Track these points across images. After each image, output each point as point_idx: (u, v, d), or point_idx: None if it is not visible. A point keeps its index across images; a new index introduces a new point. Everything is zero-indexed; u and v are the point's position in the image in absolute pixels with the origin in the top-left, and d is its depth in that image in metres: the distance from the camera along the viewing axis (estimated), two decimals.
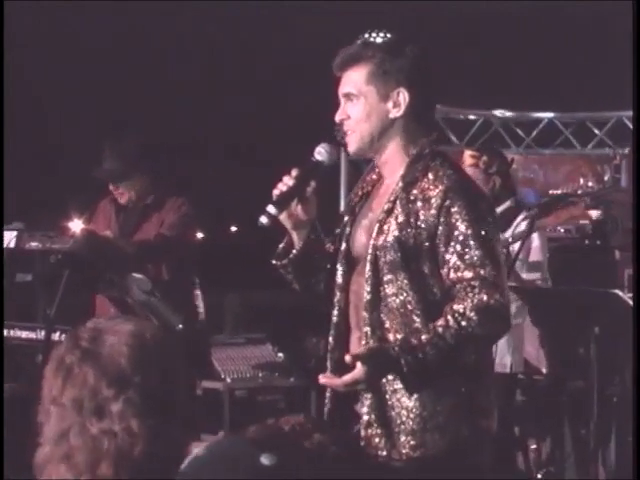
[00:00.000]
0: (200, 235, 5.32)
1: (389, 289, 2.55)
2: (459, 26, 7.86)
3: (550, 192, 7.08)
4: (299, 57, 7.31)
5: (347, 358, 2.45)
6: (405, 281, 2.53)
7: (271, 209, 2.62)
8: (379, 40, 2.65)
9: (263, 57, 7.70)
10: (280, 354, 5.30)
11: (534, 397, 4.83)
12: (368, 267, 2.58)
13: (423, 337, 2.45)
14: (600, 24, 7.18)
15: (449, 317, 2.45)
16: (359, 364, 2.43)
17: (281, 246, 2.79)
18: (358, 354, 2.47)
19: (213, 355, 5.19)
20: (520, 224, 4.42)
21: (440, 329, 2.44)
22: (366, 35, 2.64)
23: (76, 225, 4.89)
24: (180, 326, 3.87)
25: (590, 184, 7.02)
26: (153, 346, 1.59)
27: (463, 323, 2.44)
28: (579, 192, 6.33)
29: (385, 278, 2.56)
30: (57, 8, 6.95)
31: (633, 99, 4.31)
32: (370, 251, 2.59)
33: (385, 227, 2.58)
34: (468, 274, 2.47)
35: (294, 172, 2.65)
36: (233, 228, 8.99)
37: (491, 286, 2.46)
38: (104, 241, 4.39)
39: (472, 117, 8.57)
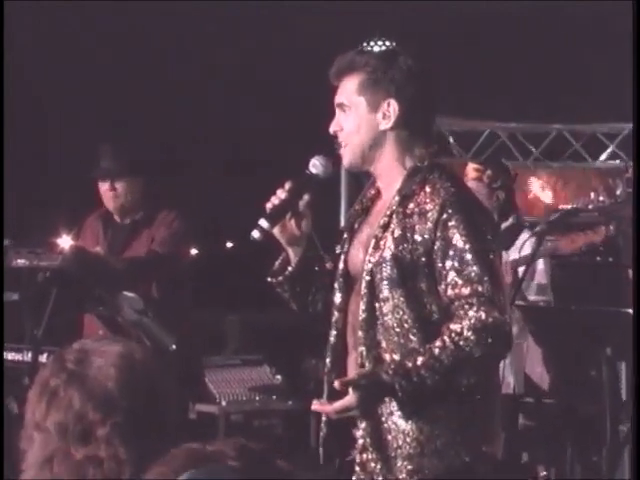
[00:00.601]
0: (194, 251, 5.31)
1: (385, 307, 2.55)
2: (461, 31, 7.88)
3: (560, 207, 7.08)
4: (298, 70, 7.35)
5: (336, 384, 2.44)
6: (402, 299, 2.53)
7: (263, 223, 2.62)
8: (375, 49, 2.67)
9: (263, 71, 7.75)
10: (278, 376, 5.29)
11: (543, 422, 4.81)
12: (364, 284, 2.58)
13: (419, 359, 2.44)
14: (610, 30, 7.21)
15: (446, 337, 2.45)
16: (351, 390, 2.42)
17: (277, 263, 2.78)
18: (349, 380, 2.46)
19: (208, 377, 5.17)
20: (526, 244, 4.43)
21: (436, 350, 2.44)
22: (364, 43, 2.66)
23: (65, 241, 4.88)
24: (173, 347, 3.87)
25: (601, 198, 7.02)
26: (142, 368, 1.58)
27: (460, 343, 2.43)
28: (590, 207, 6.33)
29: (381, 296, 2.55)
30: (57, 8, 7.03)
31: (633, 99, 4.33)
32: (366, 268, 2.59)
33: (381, 243, 2.58)
34: (465, 291, 2.46)
35: (287, 185, 2.66)
36: (229, 244, 9.00)
37: (489, 303, 2.45)
38: (94, 258, 4.39)
39: (478, 128, 8.58)
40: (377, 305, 2.55)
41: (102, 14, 7.33)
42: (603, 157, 8.14)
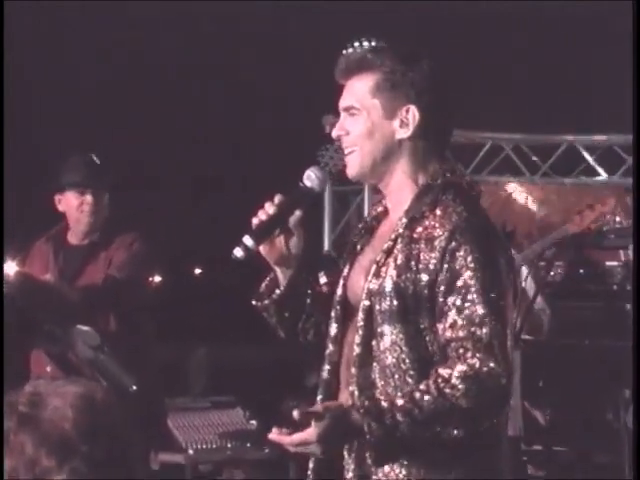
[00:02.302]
0: (157, 278, 5.31)
1: (382, 343, 2.53)
2: (458, 32, 7.97)
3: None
4: (279, 85, 7.48)
5: (295, 414, 2.41)
6: (400, 335, 2.51)
7: (248, 240, 2.59)
8: (389, 46, 2.65)
9: (238, 86, 7.88)
10: (253, 421, 5.29)
11: (553, 473, 4.84)
12: (361, 315, 2.57)
13: (398, 401, 2.42)
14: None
15: (431, 381, 2.43)
16: (313, 423, 2.40)
17: (264, 284, 2.77)
18: (312, 411, 2.44)
19: (173, 422, 5.16)
20: (528, 278, 4.50)
21: (417, 394, 2.42)
22: (364, 42, 2.64)
23: (9, 268, 4.88)
24: (134, 387, 3.86)
25: (618, 219, 7.08)
26: (104, 410, 1.59)
27: (446, 391, 2.41)
28: (605, 228, 6.38)
29: (379, 330, 2.54)
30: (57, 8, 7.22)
31: (633, 99, 4.39)
32: (364, 297, 2.57)
33: (382, 270, 2.56)
34: (462, 333, 2.45)
35: (277, 198, 2.64)
36: (198, 270, 8.98)
37: (486, 350, 2.43)
38: (42, 286, 4.39)
39: (478, 140, 8.64)
40: (374, 340, 2.54)
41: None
42: (620, 172, 8.20)
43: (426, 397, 2.41)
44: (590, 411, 4.82)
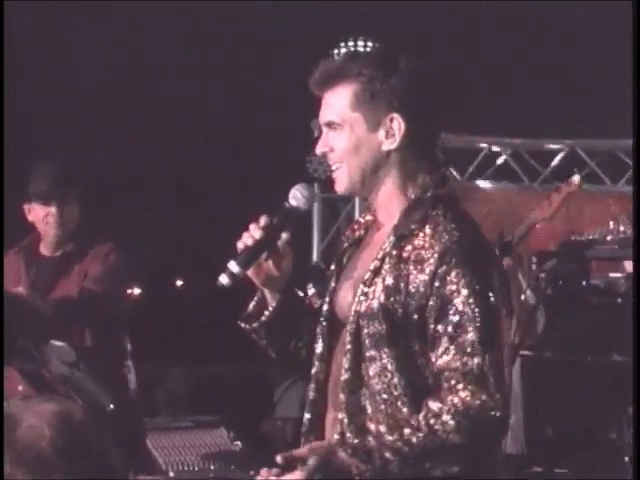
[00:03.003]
0: (135, 291, 5.32)
1: (372, 368, 2.53)
2: (454, 32, 8.02)
3: (572, 238, 7.16)
4: (263, 91, 7.58)
5: (278, 459, 2.40)
6: (391, 360, 2.50)
7: (233, 267, 2.57)
8: (366, 51, 2.63)
9: (230, 87, 7.97)
10: (237, 441, 5.27)
11: None
12: (348, 339, 2.55)
13: (387, 439, 2.42)
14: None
15: (421, 417, 2.42)
16: (299, 467, 2.40)
17: (251, 305, 2.75)
18: (297, 456, 2.42)
19: (152, 442, 5.14)
20: (527, 291, 4.53)
21: (407, 431, 2.41)
22: (349, 44, 2.62)
23: None
24: (111, 406, 3.86)
25: (622, 228, 7.09)
26: (82, 429, 1.60)
27: (436, 427, 2.40)
28: (608, 238, 6.40)
29: (368, 354, 2.53)
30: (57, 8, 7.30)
31: (633, 100, 4.43)
32: (351, 319, 2.56)
33: (370, 290, 2.54)
34: (454, 363, 2.44)
35: (262, 220, 2.61)
36: (179, 282, 8.97)
37: (478, 382, 2.42)
38: (14, 299, 4.39)
39: (474, 145, 8.67)
40: (363, 365, 2.53)
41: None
42: (624, 179, 8.22)
43: (415, 434, 2.40)
44: (592, 429, 4.83)
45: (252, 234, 2.60)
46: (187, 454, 5.19)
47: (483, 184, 8.71)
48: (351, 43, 2.37)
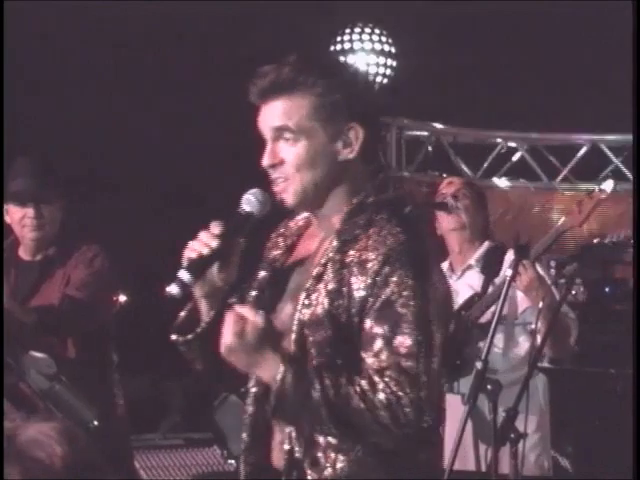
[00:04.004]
0: (122, 297, 5.30)
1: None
2: (468, 26, 8.05)
3: (594, 240, 7.16)
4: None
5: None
6: (337, 365, 2.59)
7: (185, 276, 2.61)
8: (319, 59, 2.71)
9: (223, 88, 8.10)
10: (231, 461, 5.27)
11: None
12: (293, 348, 2.63)
13: (324, 374, 2.55)
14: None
15: (357, 383, 2.54)
16: (246, 318, 2.54)
17: (182, 315, 2.80)
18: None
19: (140, 462, 5.15)
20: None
21: (342, 380, 2.54)
22: (292, 56, 2.68)
23: None
24: (94, 422, 3.86)
25: None
26: (85, 448, 1.62)
27: (369, 395, 2.53)
28: (632, 241, 6.39)
29: (314, 362, 2.61)
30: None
31: (633, 100, 4.44)
32: (295, 328, 2.64)
33: (313, 297, 2.63)
34: (386, 363, 2.55)
35: (216, 229, 2.65)
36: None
37: (411, 383, 2.54)
38: None
39: (489, 141, 8.67)
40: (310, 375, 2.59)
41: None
42: None
43: (348, 388, 2.53)
44: (616, 446, 4.83)
45: (207, 242, 2.64)
46: (177, 474, 5.21)
47: (498, 182, 8.71)
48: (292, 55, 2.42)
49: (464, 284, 4.88)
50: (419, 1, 7.79)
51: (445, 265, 4.99)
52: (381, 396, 2.53)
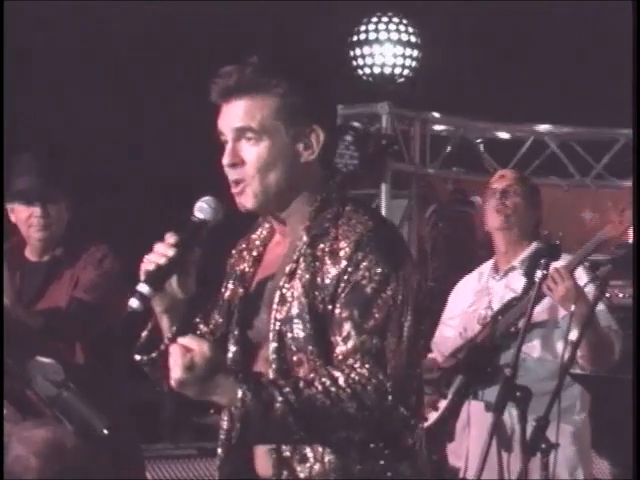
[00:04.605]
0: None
1: (300, 371, 2.69)
2: (498, 18, 8.05)
3: (629, 241, 7.13)
4: None
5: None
6: (318, 360, 2.68)
7: (144, 288, 2.67)
8: (280, 62, 2.78)
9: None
10: None
11: None
12: (272, 348, 2.72)
13: (280, 382, 2.62)
14: None
15: (317, 376, 2.62)
16: (196, 346, 2.56)
17: (144, 334, 2.87)
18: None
19: (151, 473, 5.16)
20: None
21: (301, 383, 2.60)
22: (254, 56, 2.74)
23: None
24: (105, 431, 3.87)
25: None
26: (74, 459, 1.60)
27: (331, 389, 2.61)
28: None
29: (295, 358, 2.70)
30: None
31: (633, 99, 4.42)
32: (272, 327, 2.72)
33: (288, 294, 2.72)
34: (355, 344, 2.64)
35: (171, 238, 2.72)
36: None
37: (377, 363, 2.63)
38: None
39: (518, 135, 8.65)
40: (290, 373, 2.69)
41: None
42: None
43: (309, 389, 2.60)
44: None
45: (164, 252, 2.70)
46: None
47: None
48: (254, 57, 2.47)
49: (505, 286, 4.84)
50: None
51: (490, 264, 4.98)
52: (343, 385, 2.60)
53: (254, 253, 2.89)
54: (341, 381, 2.61)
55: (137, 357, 2.89)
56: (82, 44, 8.23)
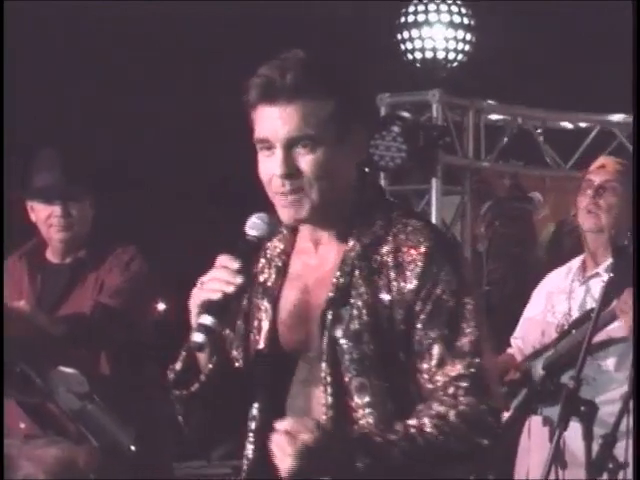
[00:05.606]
0: (161, 306, 5.32)
1: (360, 399, 2.66)
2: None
3: None
4: None
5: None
6: (385, 384, 2.66)
7: (208, 320, 2.61)
8: (322, 62, 2.73)
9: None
10: None
11: None
12: (326, 370, 2.67)
13: (390, 436, 2.56)
14: None
15: (426, 419, 2.58)
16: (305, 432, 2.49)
17: (178, 368, 2.81)
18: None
19: None
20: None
21: (413, 430, 2.57)
22: (291, 55, 2.74)
23: None
24: (132, 448, 3.87)
25: None
26: (86, 478, 1.62)
27: (445, 429, 2.58)
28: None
29: (354, 384, 2.66)
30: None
31: (633, 99, 4.45)
32: (325, 348, 2.67)
33: (343, 311, 2.68)
34: (454, 369, 2.62)
35: (234, 263, 2.66)
36: None
37: (483, 385, 2.63)
38: (15, 316, 4.42)
39: (582, 126, 8.61)
40: (348, 398, 2.65)
41: None
42: None
43: (422, 435, 2.57)
44: None
45: (232, 280, 2.64)
46: None
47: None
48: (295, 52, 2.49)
49: (586, 292, 4.76)
50: None
51: (579, 261, 4.87)
52: (456, 421, 2.58)
53: (278, 264, 2.83)
54: (452, 417, 2.60)
55: (176, 393, 2.84)
56: (96, 42, 8.30)
